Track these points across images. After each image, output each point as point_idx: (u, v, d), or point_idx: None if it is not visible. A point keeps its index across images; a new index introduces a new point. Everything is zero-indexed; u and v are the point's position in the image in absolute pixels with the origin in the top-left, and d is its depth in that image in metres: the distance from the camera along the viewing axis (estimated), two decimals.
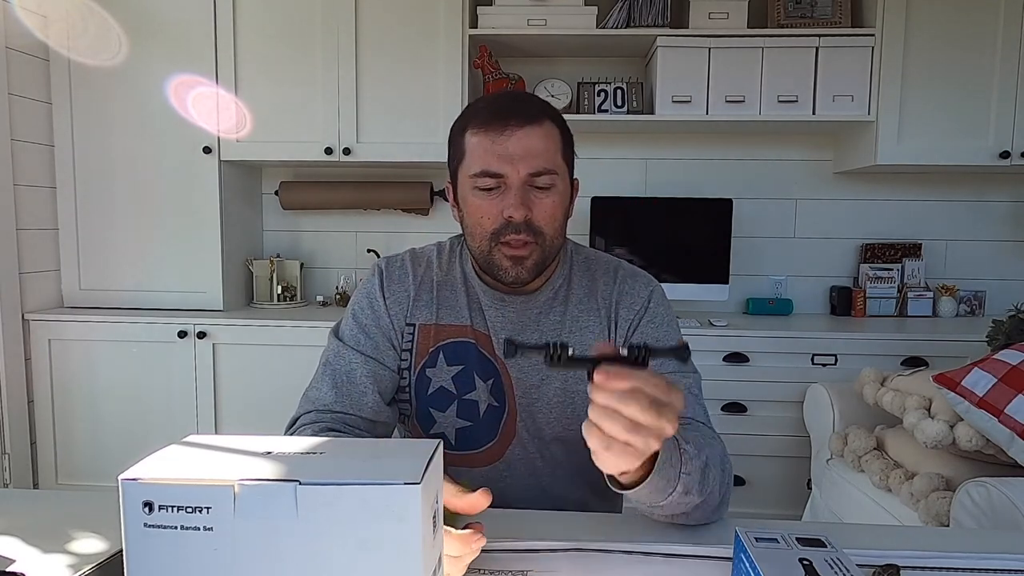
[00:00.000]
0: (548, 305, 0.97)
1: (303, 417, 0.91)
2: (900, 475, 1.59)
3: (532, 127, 0.85)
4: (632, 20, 2.36)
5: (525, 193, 0.86)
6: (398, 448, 0.48)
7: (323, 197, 2.66)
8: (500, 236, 0.87)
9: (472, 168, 0.87)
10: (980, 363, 1.51)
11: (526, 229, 0.86)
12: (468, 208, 0.89)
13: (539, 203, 0.87)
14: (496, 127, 0.85)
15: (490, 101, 0.90)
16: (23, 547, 0.69)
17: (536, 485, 0.98)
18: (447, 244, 1.03)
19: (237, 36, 2.36)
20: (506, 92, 0.95)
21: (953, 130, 2.29)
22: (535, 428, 0.96)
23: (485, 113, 0.87)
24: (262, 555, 0.42)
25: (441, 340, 0.96)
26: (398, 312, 0.96)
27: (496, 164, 0.85)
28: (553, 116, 0.89)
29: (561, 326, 0.96)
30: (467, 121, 0.89)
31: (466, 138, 0.88)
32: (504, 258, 0.88)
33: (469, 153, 0.87)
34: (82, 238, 2.44)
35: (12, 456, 2.30)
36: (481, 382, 0.95)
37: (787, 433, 2.24)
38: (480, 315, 0.96)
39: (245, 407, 2.33)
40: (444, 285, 0.98)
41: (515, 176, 0.85)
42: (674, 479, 0.68)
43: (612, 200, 2.53)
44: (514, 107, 0.87)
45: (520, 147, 0.85)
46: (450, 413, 0.95)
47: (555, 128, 0.89)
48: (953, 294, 2.56)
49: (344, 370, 0.93)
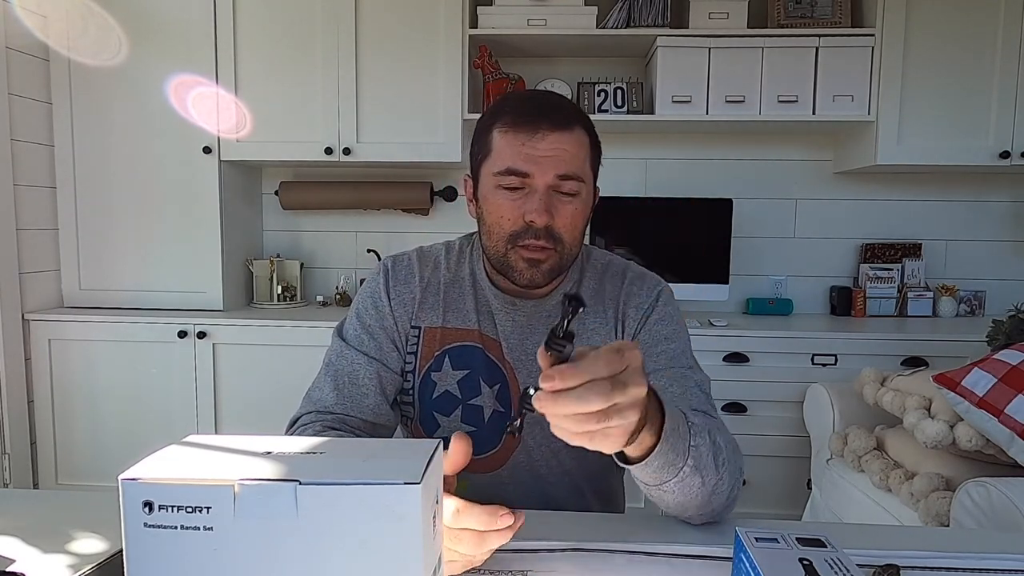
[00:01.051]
0: (558, 309, 0.95)
1: (304, 417, 0.91)
2: (900, 475, 1.59)
3: (564, 132, 0.84)
4: (632, 20, 2.36)
5: (549, 198, 0.84)
6: (398, 448, 0.48)
7: (323, 197, 2.66)
8: (519, 239, 0.85)
9: (497, 165, 0.85)
10: (980, 363, 1.51)
11: (546, 235, 0.84)
12: (488, 206, 0.87)
13: (562, 209, 0.85)
14: (527, 127, 0.83)
15: (523, 100, 0.88)
16: (23, 547, 0.69)
17: (539, 492, 0.97)
18: (456, 244, 1.01)
19: (237, 36, 2.36)
20: (539, 92, 0.93)
21: (953, 130, 2.29)
22: (542, 435, 0.95)
23: (517, 112, 0.85)
24: (262, 555, 0.42)
25: (447, 344, 0.94)
26: (402, 314, 0.95)
27: (523, 164, 0.83)
28: (584, 123, 0.87)
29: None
30: (496, 117, 0.86)
31: (494, 134, 0.86)
32: (520, 259, 0.86)
33: (496, 150, 0.86)
34: (82, 238, 2.44)
35: (12, 456, 2.30)
36: (487, 387, 0.94)
37: (787, 433, 2.24)
38: (489, 319, 0.95)
39: (245, 407, 2.33)
40: (452, 286, 0.96)
41: (541, 179, 0.83)
42: (684, 452, 0.65)
43: (612, 200, 2.53)
44: (548, 109, 0.85)
45: (550, 150, 0.83)
46: (454, 418, 0.94)
47: (586, 136, 0.87)
48: (953, 294, 2.56)
49: (346, 371, 0.92)
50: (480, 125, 0.90)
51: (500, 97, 0.91)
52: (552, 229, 0.85)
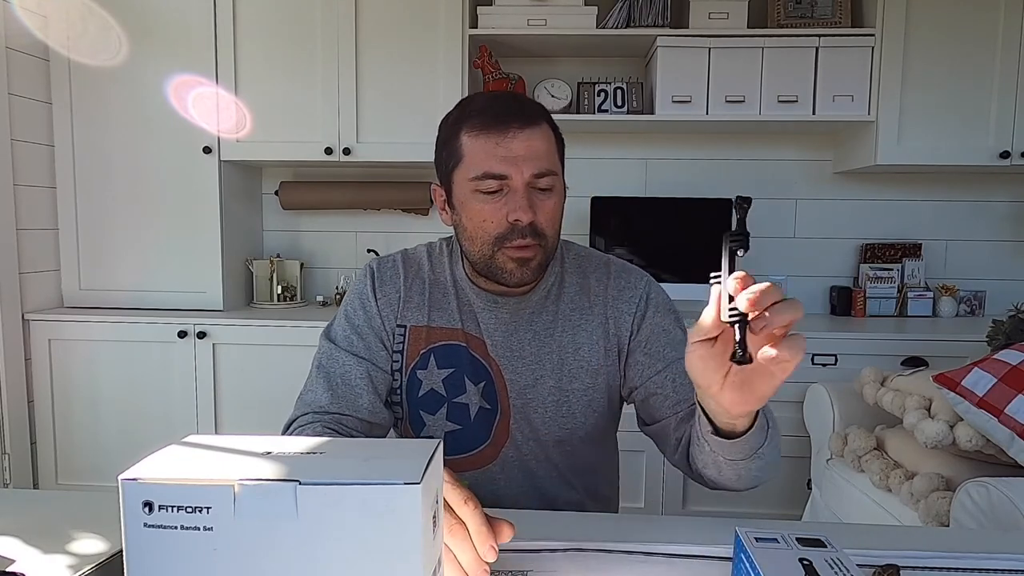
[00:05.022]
0: (540, 305, 0.96)
1: (299, 419, 0.90)
2: (900, 475, 1.59)
3: (534, 128, 0.85)
4: (632, 20, 2.36)
5: (529, 196, 0.85)
6: (398, 448, 0.48)
7: (323, 197, 2.66)
8: (505, 241, 0.85)
9: (473, 171, 0.85)
10: (980, 363, 1.51)
11: (531, 232, 0.85)
12: (468, 212, 0.87)
13: (542, 205, 0.86)
14: (497, 128, 0.84)
15: (487, 101, 0.88)
16: (23, 547, 0.69)
17: (531, 487, 0.97)
18: (437, 245, 1.02)
19: (237, 36, 2.36)
20: (500, 93, 0.94)
21: (953, 130, 2.29)
22: (530, 430, 0.96)
23: (485, 114, 0.85)
24: (262, 555, 0.42)
25: (432, 343, 0.95)
26: (389, 313, 0.96)
27: (499, 166, 0.83)
28: (547, 118, 0.89)
29: (554, 325, 0.95)
30: (463, 122, 0.86)
31: (462, 139, 0.86)
32: (509, 260, 0.86)
33: (469, 155, 0.85)
34: (82, 238, 2.44)
35: (12, 456, 2.30)
36: (472, 385, 0.94)
37: (787, 433, 2.24)
38: (472, 318, 0.95)
39: (245, 407, 2.33)
40: (435, 287, 0.97)
41: (519, 178, 0.84)
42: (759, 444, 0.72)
43: (612, 200, 2.53)
44: (514, 108, 0.85)
45: (523, 149, 0.84)
46: (440, 416, 0.95)
47: (551, 130, 0.89)
48: (953, 294, 2.56)
49: (338, 372, 0.92)
50: (445, 132, 0.89)
51: (460, 102, 0.91)
52: (536, 226, 0.85)
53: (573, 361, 0.95)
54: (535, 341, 0.95)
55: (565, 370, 0.94)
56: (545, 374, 0.94)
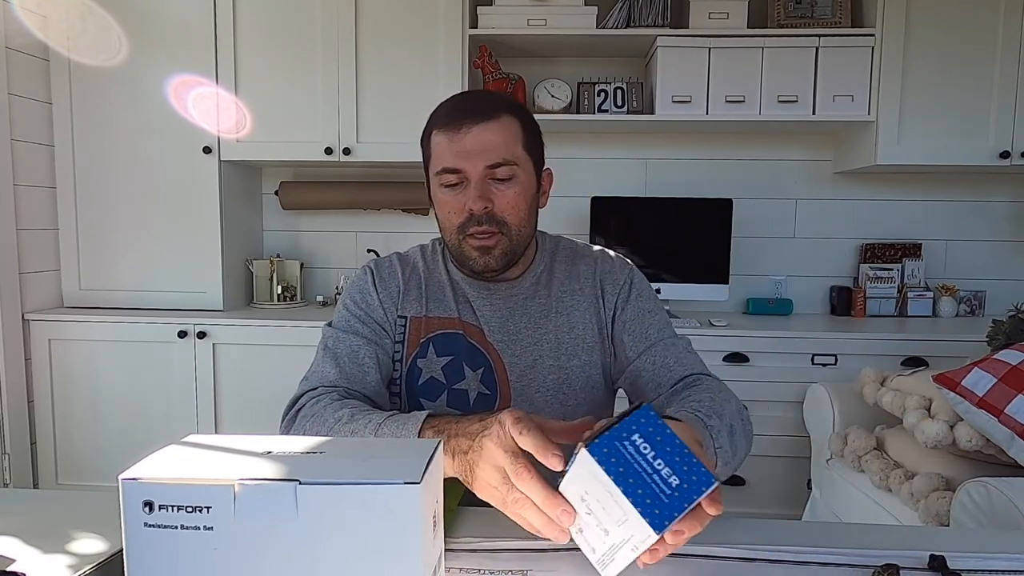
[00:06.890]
0: (532, 290, 1.01)
1: (308, 395, 0.90)
2: (900, 475, 1.59)
3: (488, 123, 0.89)
4: (632, 20, 2.36)
5: (485, 186, 0.90)
6: (398, 448, 0.49)
7: (323, 197, 2.66)
8: (465, 229, 0.91)
9: (435, 167, 0.92)
10: (980, 363, 1.51)
11: (488, 220, 0.90)
12: (437, 204, 0.95)
13: (500, 195, 0.91)
14: (453, 126, 0.90)
15: (454, 101, 0.95)
16: (23, 547, 0.69)
17: None
18: (430, 245, 1.07)
19: (237, 36, 2.36)
20: (468, 92, 1.00)
21: (953, 130, 2.29)
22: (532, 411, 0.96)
23: (448, 114, 0.92)
24: (262, 555, 0.42)
25: (431, 332, 0.99)
26: (390, 305, 0.99)
27: (454, 160, 0.89)
28: (512, 109, 0.93)
29: (548, 307, 1.00)
30: (432, 123, 0.94)
31: (432, 139, 0.93)
32: (472, 249, 0.92)
33: (435, 153, 0.93)
34: (82, 238, 2.43)
35: (12, 456, 2.30)
36: (471, 371, 0.98)
37: (787, 433, 2.24)
38: (468, 307, 1.00)
39: (245, 407, 2.33)
40: (431, 282, 1.02)
41: (473, 171, 0.89)
42: (712, 456, 0.73)
43: (612, 200, 2.53)
44: (470, 106, 0.91)
45: (476, 143, 0.89)
46: (440, 403, 0.98)
47: (515, 121, 0.92)
48: (953, 294, 2.56)
49: (346, 352, 0.94)
50: (423, 133, 0.96)
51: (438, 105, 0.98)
52: (494, 214, 0.91)
53: (569, 339, 1.00)
54: (531, 324, 0.99)
55: (563, 348, 0.99)
56: (543, 354, 0.98)
